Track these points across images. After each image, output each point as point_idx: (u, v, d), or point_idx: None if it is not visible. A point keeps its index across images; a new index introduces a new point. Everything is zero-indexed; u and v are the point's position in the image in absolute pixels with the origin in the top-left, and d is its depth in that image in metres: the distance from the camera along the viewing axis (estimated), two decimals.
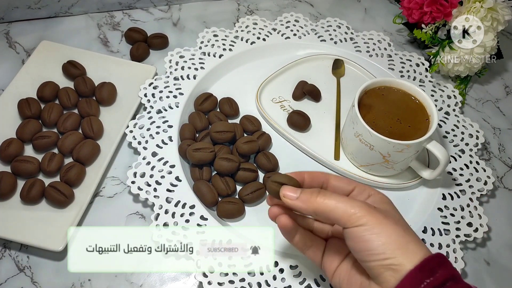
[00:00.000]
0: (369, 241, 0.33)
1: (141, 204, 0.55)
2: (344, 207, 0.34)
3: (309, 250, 0.41)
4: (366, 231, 0.33)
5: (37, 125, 0.57)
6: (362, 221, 0.33)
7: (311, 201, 0.35)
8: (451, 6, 0.65)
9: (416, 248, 0.33)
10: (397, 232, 0.33)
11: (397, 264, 0.32)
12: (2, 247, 0.51)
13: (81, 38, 0.70)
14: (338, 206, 0.34)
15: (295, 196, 0.36)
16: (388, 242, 0.32)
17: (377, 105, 0.55)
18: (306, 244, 0.41)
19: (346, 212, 0.34)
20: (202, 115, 0.60)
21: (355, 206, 0.34)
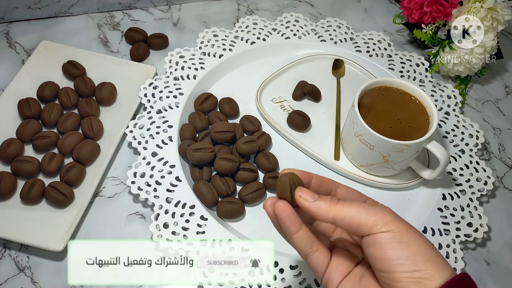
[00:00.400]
0: (396, 249, 0.29)
1: (141, 204, 0.55)
2: (367, 212, 0.31)
3: (314, 255, 0.34)
4: (394, 238, 0.30)
5: (37, 125, 0.57)
6: (389, 227, 0.30)
7: (330, 207, 0.32)
8: (451, 6, 0.65)
9: (444, 263, 0.30)
10: (426, 243, 0.30)
11: (427, 278, 0.29)
12: (2, 247, 0.51)
13: (81, 38, 0.70)
14: (360, 211, 0.31)
15: (312, 200, 0.32)
16: (418, 252, 0.29)
17: (377, 105, 0.55)
18: (311, 245, 0.34)
19: (370, 217, 0.30)
20: (202, 115, 0.60)
21: (379, 212, 0.31)
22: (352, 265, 0.35)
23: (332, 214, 0.32)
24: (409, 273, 0.29)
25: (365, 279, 0.33)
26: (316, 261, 0.34)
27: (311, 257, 0.34)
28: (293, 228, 0.33)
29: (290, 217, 0.33)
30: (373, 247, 0.30)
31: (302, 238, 0.33)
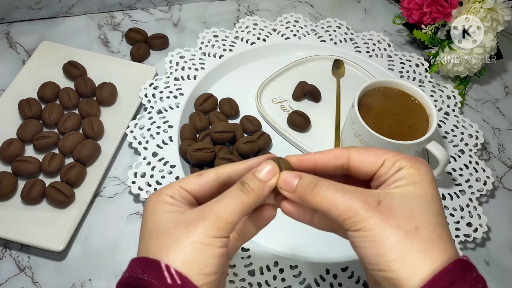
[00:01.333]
0: (363, 248, 0.28)
1: (141, 204, 0.55)
2: (339, 209, 0.28)
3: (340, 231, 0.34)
4: (360, 237, 0.28)
5: (38, 125, 0.58)
6: (357, 225, 0.28)
7: (307, 196, 0.30)
8: (450, 7, 0.65)
9: (417, 260, 0.26)
10: (395, 239, 0.27)
11: (393, 278, 0.26)
12: (2, 247, 0.51)
13: (81, 38, 0.71)
14: (332, 208, 0.29)
15: (291, 190, 0.30)
16: (381, 252, 0.27)
17: (376, 106, 0.55)
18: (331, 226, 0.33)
19: (341, 215, 0.28)
20: (202, 115, 0.60)
21: (351, 208, 0.28)
22: None
23: (312, 204, 0.30)
24: (377, 272, 0.27)
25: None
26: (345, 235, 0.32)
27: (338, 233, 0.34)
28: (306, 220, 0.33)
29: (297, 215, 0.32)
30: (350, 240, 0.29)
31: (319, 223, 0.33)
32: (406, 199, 0.28)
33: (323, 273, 0.49)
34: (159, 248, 0.28)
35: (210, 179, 0.32)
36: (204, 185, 0.32)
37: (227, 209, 0.29)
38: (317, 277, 0.48)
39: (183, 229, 0.28)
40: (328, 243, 0.51)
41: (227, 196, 0.30)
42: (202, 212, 0.29)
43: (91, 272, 0.49)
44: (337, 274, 0.49)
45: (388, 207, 0.28)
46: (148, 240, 0.30)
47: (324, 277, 0.49)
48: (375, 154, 0.31)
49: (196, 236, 0.28)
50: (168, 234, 0.29)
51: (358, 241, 0.28)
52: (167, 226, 0.29)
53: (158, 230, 0.29)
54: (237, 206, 0.29)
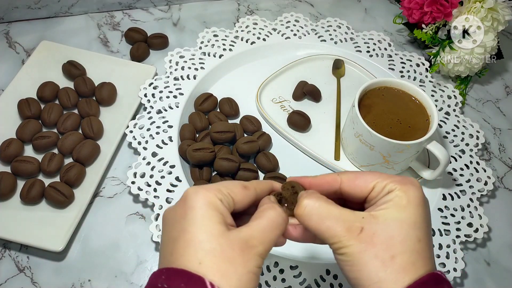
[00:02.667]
0: (346, 271, 0.30)
1: (141, 204, 0.55)
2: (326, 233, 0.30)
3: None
4: (343, 260, 0.30)
5: (37, 125, 0.57)
6: (341, 251, 0.30)
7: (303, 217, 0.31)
8: (451, 6, 0.65)
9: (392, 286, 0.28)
10: (372, 268, 0.28)
11: None
12: (2, 247, 0.51)
13: (81, 38, 0.70)
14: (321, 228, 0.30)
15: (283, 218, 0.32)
16: (359, 277, 0.29)
17: (377, 106, 0.55)
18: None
19: (328, 240, 0.30)
20: (202, 115, 0.60)
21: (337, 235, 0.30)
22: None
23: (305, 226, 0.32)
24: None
25: None
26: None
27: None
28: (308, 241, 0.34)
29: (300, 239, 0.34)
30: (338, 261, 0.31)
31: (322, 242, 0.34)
32: (389, 225, 0.30)
33: (323, 273, 0.49)
34: (212, 266, 0.27)
35: (252, 194, 0.33)
36: (247, 199, 0.32)
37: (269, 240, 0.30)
38: (317, 278, 0.48)
39: (239, 255, 0.28)
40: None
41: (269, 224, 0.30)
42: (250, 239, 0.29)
43: (90, 272, 0.49)
44: (337, 274, 0.49)
45: (369, 235, 0.29)
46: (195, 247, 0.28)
47: (325, 277, 0.48)
48: (365, 180, 0.32)
49: (252, 266, 0.28)
50: (224, 255, 0.27)
51: (341, 263, 0.30)
52: (222, 243, 0.28)
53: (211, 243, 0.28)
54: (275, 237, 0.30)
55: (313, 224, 0.31)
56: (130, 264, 0.50)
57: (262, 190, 0.34)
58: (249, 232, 0.29)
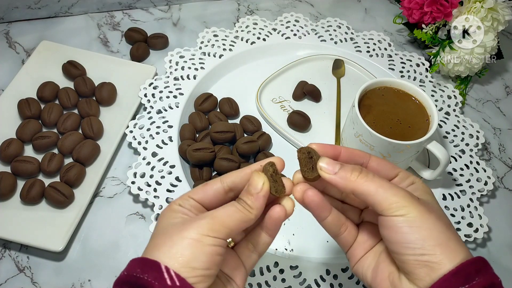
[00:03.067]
0: (407, 233, 0.30)
1: (141, 204, 0.55)
2: (385, 193, 0.31)
3: (342, 236, 0.36)
4: (405, 222, 0.30)
5: (37, 125, 0.57)
6: (402, 211, 0.30)
7: (350, 180, 0.32)
8: (451, 6, 0.65)
9: (457, 247, 0.30)
10: (439, 227, 0.30)
11: (435, 262, 0.29)
12: (2, 247, 0.51)
13: (81, 38, 0.70)
14: (379, 191, 0.31)
15: (334, 171, 0.32)
16: (428, 237, 0.30)
17: (377, 106, 0.55)
18: (340, 227, 0.35)
19: (386, 199, 0.31)
20: (202, 115, 0.60)
21: (397, 194, 0.31)
22: (375, 241, 0.36)
23: (351, 187, 0.32)
24: (417, 256, 0.29)
25: (383, 255, 0.34)
26: (343, 241, 0.36)
27: (339, 238, 0.36)
28: (323, 215, 0.34)
29: (319, 205, 0.33)
30: (385, 228, 0.31)
31: (331, 222, 0.34)
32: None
33: (323, 273, 0.49)
34: (154, 245, 0.30)
35: (216, 187, 0.33)
36: (209, 192, 0.33)
37: (224, 214, 0.31)
38: (317, 278, 0.48)
39: (177, 228, 0.30)
40: (329, 244, 0.51)
41: (227, 205, 0.32)
42: (200, 216, 0.31)
43: (90, 272, 0.49)
44: (337, 274, 0.49)
45: (425, 203, 0.32)
46: (149, 243, 0.31)
47: (325, 277, 0.48)
48: (392, 166, 0.35)
49: (187, 232, 0.29)
50: (163, 233, 0.30)
51: (402, 226, 0.30)
52: (166, 228, 0.31)
53: (158, 232, 0.31)
54: (234, 214, 0.31)
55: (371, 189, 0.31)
56: None
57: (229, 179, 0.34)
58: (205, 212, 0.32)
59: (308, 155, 0.34)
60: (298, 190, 0.34)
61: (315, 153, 0.34)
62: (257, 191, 0.32)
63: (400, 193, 0.31)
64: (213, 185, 0.34)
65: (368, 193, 0.31)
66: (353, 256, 0.36)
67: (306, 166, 0.34)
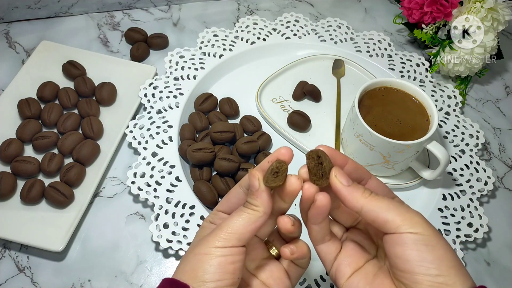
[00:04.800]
0: (424, 251, 0.29)
1: (141, 204, 0.55)
2: (398, 209, 0.30)
3: (324, 245, 0.34)
4: (421, 240, 0.29)
5: (37, 125, 0.57)
6: (419, 228, 0.29)
7: (362, 196, 0.31)
8: (451, 6, 0.65)
9: (466, 273, 0.30)
10: (451, 250, 0.30)
11: (449, 284, 0.28)
12: (2, 247, 0.51)
13: (81, 38, 0.70)
14: (390, 207, 0.30)
15: (347, 184, 0.31)
16: (443, 257, 0.29)
17: (377, 106, 0.55)
18: (324, 236, 0.34)
19: (401, 215, 0.30)
20: (202, 115, 0.60)
21: (410, 211, 0.30)
22: (362, 260, 0.34)
23: (361, 203, 0.31)
24: (432, 277, 0.28)
25: (379, 279, 0.32)
26: (325, 250, 0.34)
27: (321, 247, 0.34)
28: (319, 219, 0.33)
29: (326, 211, 0.32)
30: (398, 246, 0.30)
31: (321, 228, 0.33)
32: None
33: (323, 273, 0.49)
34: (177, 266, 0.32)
35: (236, 193, 0.34)
36: (232, 200, 0.34)
37: (231, 220, 0.31)
38: (317, 278, 0.48)
39: (193, 245, 0.32)
40: None
41: (235, 212, 0.32)
42: (214, 229, 0.32)
43: (90, 272, 0.49)
44: None
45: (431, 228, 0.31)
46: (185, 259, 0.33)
47: (325, 277, 0.48)
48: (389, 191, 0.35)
49: (198, 248, 0.31)
50: (186, 253, 0.32)
51: (416, 244, 0.29)
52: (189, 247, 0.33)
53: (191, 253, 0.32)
54: (240, 218, 0.31)
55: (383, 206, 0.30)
56: (130, 264, 0.50)
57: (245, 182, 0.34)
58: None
59: (318, 160, 0.32)
60: (307, 188, 0.32)
61: (326, 159, 0.32)
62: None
63: (412, 211, 0.31)
64: (234, 192, 0.34)
65: (380, 210, 0.30)
66: (339, 272, 0.34)
67: (316, 175, 0.32)
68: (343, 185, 0.31)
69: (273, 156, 0.33)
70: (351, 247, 0.35)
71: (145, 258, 0.51)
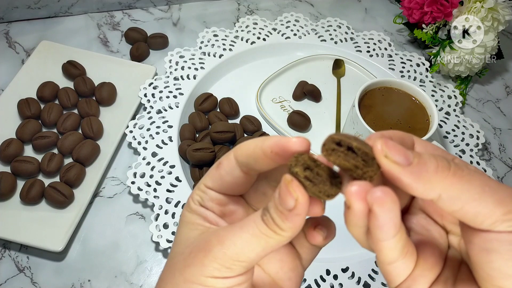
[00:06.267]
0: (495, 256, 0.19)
1: (141, 204, 0.55)
2: (494, 197, 0.19)
3: (402, 261, 0.21)
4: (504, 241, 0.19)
5: (37, 125, 0.57)
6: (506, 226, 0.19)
7: (437, 176, 0.19)
8: (451, 6, 0.65)
9: None
10: None
11: None
12: (2, 247, 0.51)
13: (81, 38, 0.70)
14: (485, 192, 0.19)
15: (407, 162, 0.19)
16: None
17: (377, 106, 0.55)
18: (402, 250, 0.21)
19: (500, 205, 0.19)
20: (202, 115, 0.60)
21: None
22: (440, 265, 0.23)
23: (438, 189, 0.19)
24: None
25: (462, 285, 0.22)
26: (399, 268, 0.21)
27: (396, 264, 0.21)
28: (392, 231, 0.20)
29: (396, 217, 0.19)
30: (494, 252, 0.19)
31: (397, 243, 0.20)
32: None
33: (323, 273, 0.49)
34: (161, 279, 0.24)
35: (230, 167, 0.24)
36: (224, 177, 0.24)
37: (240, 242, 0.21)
38: (317, 278, 0.48)
39: (182, 261, 0.22)
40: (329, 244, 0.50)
41: (245, 224, 0.22)
42: (211, 240, 0.22)
43: (90, 272, 0.49)
44: (337, 274, 0.48)
45: None
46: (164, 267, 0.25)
47: (325, 277, 0.48)
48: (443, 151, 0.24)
49: (190, 274, 0.22)
50: (168, 265, 0.24)
51: (502, 243, 0.19)
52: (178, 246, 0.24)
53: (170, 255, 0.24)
54: (257, 243, 0.21)
55: (475, 190, 0.19)
56: (130, 264, 0.50)
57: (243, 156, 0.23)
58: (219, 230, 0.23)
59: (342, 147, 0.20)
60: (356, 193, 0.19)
61: (350, 138, 0.20)
62: (288, 207, 0.20)
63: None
64: (227, 165, 0.24)
65: (468, 198, 0.19)
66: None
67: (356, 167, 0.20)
68: (402, 166, 0.19)
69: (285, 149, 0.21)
70: (429, 252, 0.23)
71: (145, 258, 0.51)
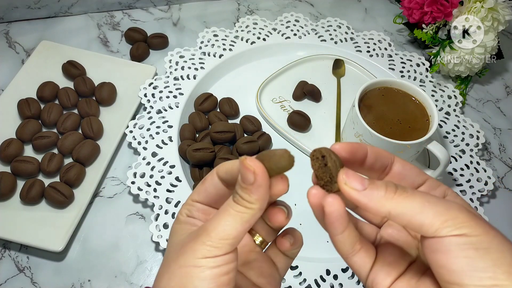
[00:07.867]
0: (473, 258, 0.22)
1: (141, 204, 0.55)
2: (434, 208, 0.23)
3: (356, 256, 0.27)
4: (469, 243, 0.23)
5: (37, 125, 0.57)
6: (464, 229, 0.23)
7: (386, 198, 0.24)
8: (451, 6, 0.65)
9: None
10: (509, 248, 0.24)
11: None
12: (2, 247, 0.51)
13: (81, 38, 0.70)
14: (425, 206, 0.23)
15: (362, 188, 0.24)
16: (501, 261, 0.23)
17: (377, 106, 0.55)
18: (354, 245, 0.27)
19: (439, 216, 0.23)
20: (202, 115, 0.60)
21: (451, 208, 0.23)
22: (403, 265, 0.28)
23: (387, 207, 0.24)
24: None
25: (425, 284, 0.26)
26: (359, 263, 0.27)
27: (352, 259, 0.27)
28: (339, 228, 0.26)
29: (341, 217, 0.25)
30: (439, 253, 0.23)
31: (346, 238, 0.26)
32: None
33: (324, 273, 0.49)
34: (158, 275, 0.26)
35: (213, 182, 0.28)
36: (210, 190, 0.28)
37: (219, 223, 0.25)
38: (317, 278, 0.48)
39: (176, 252, 0.26)
40: (329, 243, 0.51)
41: (222, 209, 0.26)
42: (198, 231, 0.26)
43: (90, 272, 0.49)
44: (337, 274, 0.48)
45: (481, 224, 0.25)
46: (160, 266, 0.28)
47: (325, 277, 0.48)
48: (418, 171, 0.29)
49: (183, 259, 0.25)
50: (165, 258, 0.27)
51: (462, 249, 0.23)
52: (171, 247, 0.27)
53: (165, 255, 0.28)
54: (231, 218, 0.25)
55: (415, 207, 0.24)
56: (130, 264, 0.50)
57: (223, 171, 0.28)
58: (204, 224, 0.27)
59: (322, 161, 0.26)
60: (314, 196, 0.26)
61: (331, 158, 0.25)
62: (250, 182, 0.25)
63: (454, 207, 0.24)
64: (210, 180, 0.28)
65: (413, 213, 0.23)
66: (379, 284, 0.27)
67: (323, 179, 0.26)
68: (358, 191, 0.24)
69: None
70: (389, 252, 0.28)
71: (145, 258, 0.51)
